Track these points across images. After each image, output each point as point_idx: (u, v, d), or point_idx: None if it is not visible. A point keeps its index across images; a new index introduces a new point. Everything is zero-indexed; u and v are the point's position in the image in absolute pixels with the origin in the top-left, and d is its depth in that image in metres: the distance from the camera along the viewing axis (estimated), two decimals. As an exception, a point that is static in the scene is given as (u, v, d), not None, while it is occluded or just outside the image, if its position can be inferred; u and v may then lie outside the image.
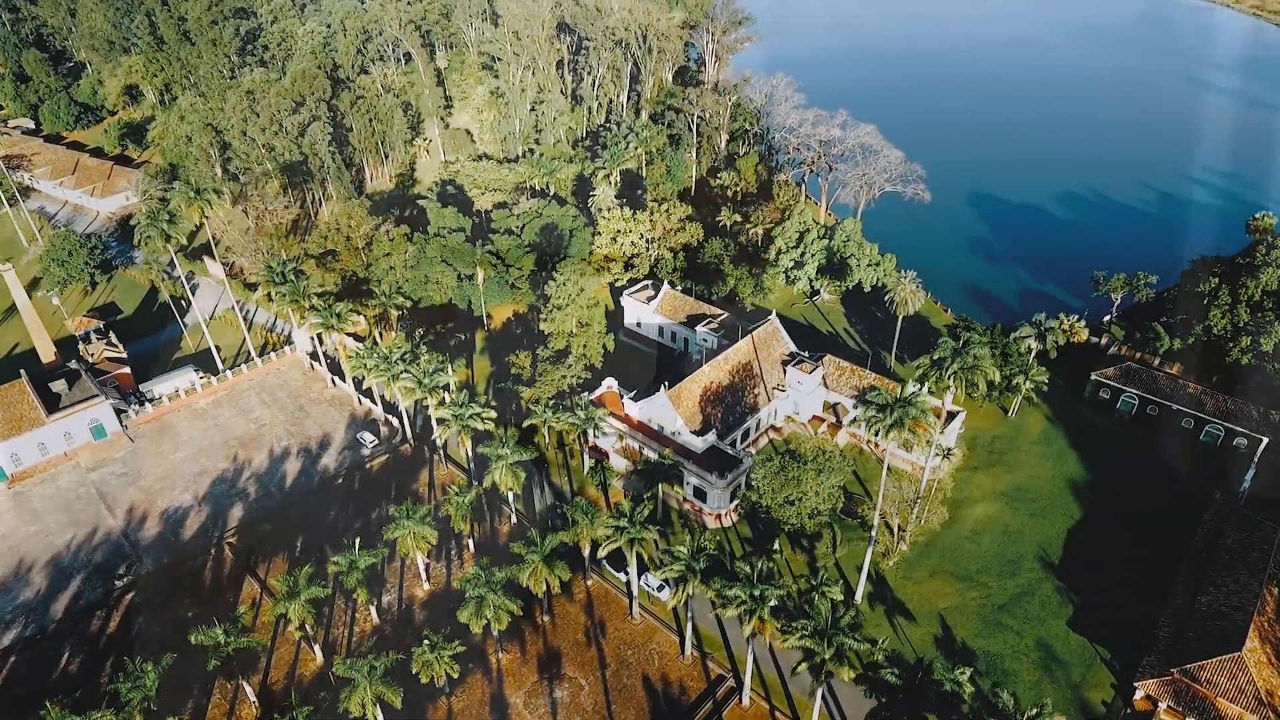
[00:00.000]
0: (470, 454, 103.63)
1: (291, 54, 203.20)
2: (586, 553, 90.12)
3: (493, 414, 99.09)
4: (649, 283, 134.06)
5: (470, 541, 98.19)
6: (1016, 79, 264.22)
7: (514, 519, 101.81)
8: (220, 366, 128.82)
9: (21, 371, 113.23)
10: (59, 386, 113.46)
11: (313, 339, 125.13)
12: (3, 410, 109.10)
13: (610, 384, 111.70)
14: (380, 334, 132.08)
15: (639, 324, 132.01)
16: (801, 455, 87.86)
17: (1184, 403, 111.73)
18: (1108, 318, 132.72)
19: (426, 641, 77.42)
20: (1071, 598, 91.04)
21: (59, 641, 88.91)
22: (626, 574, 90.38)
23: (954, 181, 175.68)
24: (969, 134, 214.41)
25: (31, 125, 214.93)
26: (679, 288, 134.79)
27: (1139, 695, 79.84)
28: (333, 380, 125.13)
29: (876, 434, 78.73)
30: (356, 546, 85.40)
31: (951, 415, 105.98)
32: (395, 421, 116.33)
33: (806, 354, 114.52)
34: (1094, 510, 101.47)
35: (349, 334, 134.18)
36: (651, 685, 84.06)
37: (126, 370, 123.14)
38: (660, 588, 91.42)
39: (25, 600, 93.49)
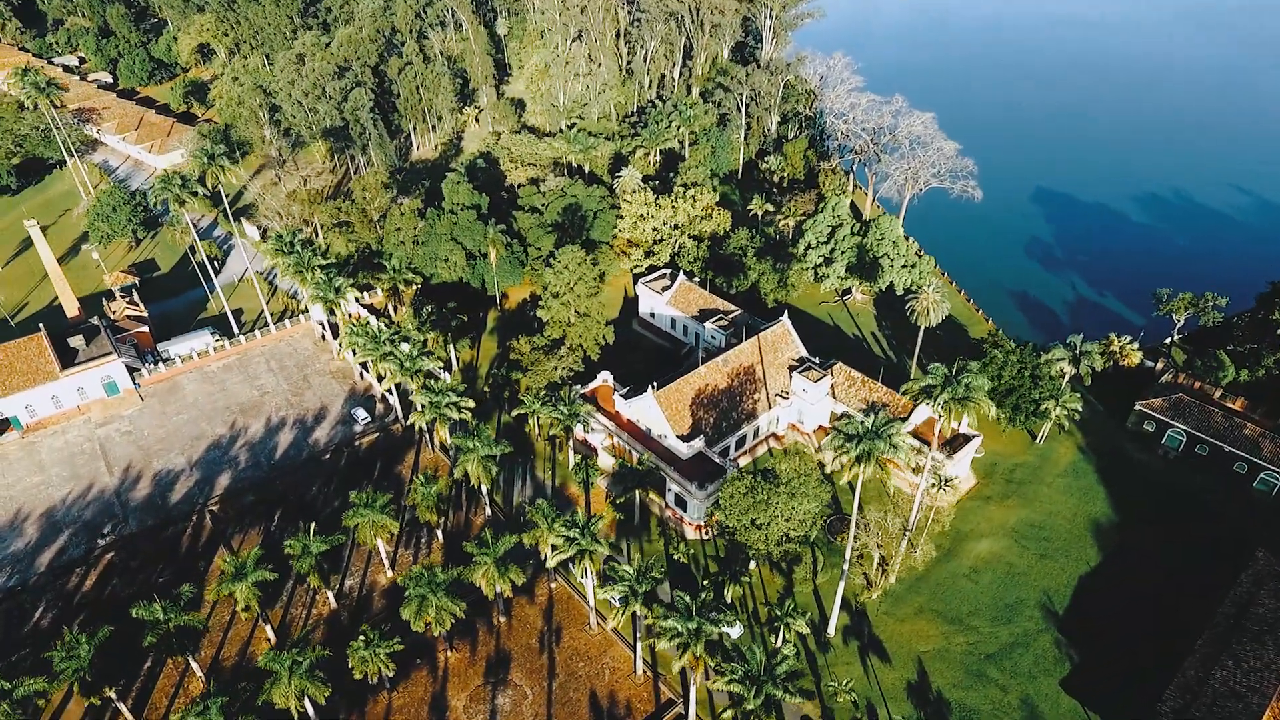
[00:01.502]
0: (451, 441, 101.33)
1: (353, 16, 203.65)
2: (546, 556, 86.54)
3: (471, 403, 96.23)
4: (666, 272, 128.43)
5: (440, 532, 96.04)
6: (1103, 64, 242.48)
7: (489, 511, 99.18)
8: (235, 330, 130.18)
9: (40, 325, 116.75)
10: (77, 342, 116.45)
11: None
12: (21, 363, 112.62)
13: (605, 377, 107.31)
14: (394, 308, 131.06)
15: (652, 314, 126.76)
16: (776, 475, 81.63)
17: (1238, 444, 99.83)
18: (1169, 340, 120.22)
19: (363, 637, 75.78)
20: (1071, 654, 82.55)
21: (36, 595, 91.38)
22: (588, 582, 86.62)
23: (1015, 178, 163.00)
24: (1039, 123, 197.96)
25: (109, 79, 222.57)
26: (697, 279, 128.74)
27: (1126, 775, 71.77)
28: (340, 352, 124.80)
29: (857, 461, 71.98)
30: (311, 532, 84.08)
31: (965, 439, 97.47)
32: (391, 399, 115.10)
33: (816, 360, 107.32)
34: (1114, 557, 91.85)
35: (365, 305, 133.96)
36: (598, 702, 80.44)
37: (145, 329, 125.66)
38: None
39: (15, 550, 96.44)
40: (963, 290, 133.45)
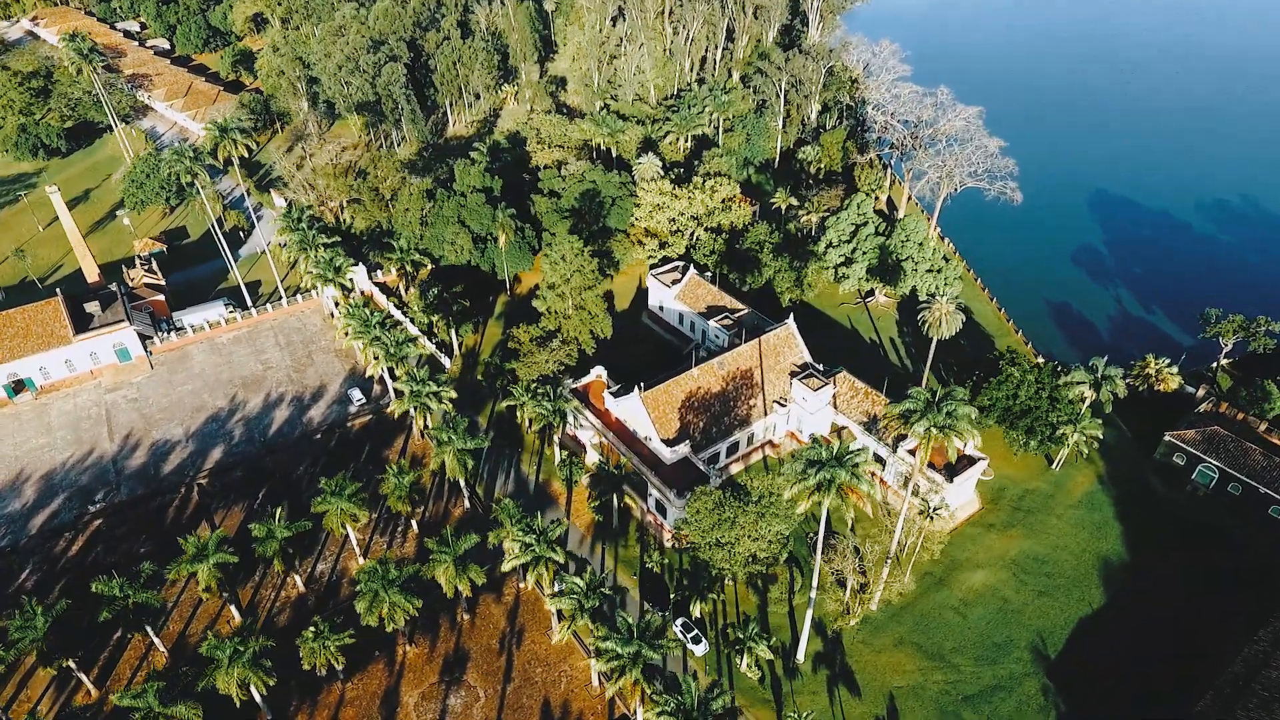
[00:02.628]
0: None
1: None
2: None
3: (452, 394, 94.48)
4: (678, 264, 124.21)
5: (415, 522, 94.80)
6: (1186, 55, 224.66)
7: (468, 503, 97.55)
8: (249, 303, 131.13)
9: (57, 290, 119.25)
10: (93, 307, 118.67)
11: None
12: (37, 326, 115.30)
13: (599, 372, 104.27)
14: (404, 288, 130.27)
15: (661, 308, 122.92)
16: (748, 492, 77.49)
17: (1275, 486, 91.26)
18: (1214, 365, 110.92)
19: (313, 628, 75.04)
20: (1058, 703, 76.82)
21: (25, 558, 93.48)
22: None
23: (1069, 176, 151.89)
24: (1107, 114, 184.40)
25: (166, 46, 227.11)
26: (709, 274, 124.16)
27: (1099, 843, 66.26)
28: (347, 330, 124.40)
29: (817, 489, 67.34)
30: (278, 517, 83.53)
31: (970, 461, 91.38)
32: (389, 381, 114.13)
33: (820, 367, 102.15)
34: (1122, 600, 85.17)
35: (378, 284, 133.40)
36: (550, 711, 78.24)
37: (161, 298, 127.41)
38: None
39: (11, 511, 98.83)
40: (995, 298, 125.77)
